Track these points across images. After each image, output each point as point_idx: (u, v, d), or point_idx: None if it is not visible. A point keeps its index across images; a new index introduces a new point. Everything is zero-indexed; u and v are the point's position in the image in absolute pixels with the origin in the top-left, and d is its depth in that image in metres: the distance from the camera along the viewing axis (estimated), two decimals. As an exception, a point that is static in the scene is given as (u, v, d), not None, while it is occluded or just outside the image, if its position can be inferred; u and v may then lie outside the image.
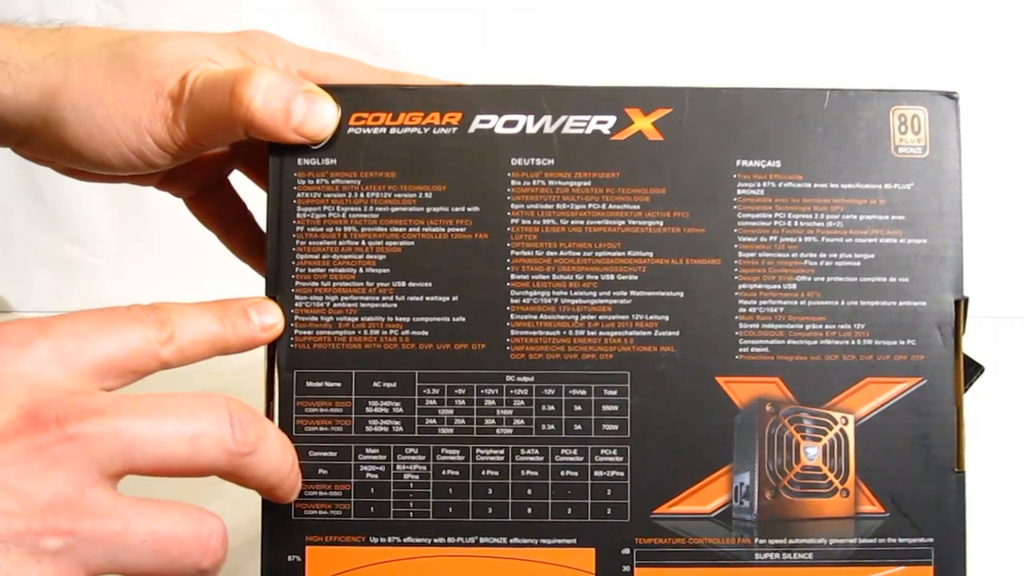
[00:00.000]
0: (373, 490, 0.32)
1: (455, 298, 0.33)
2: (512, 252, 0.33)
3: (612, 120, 0.33)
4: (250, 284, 0.36)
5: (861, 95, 0.33)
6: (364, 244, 0.33)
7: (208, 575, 0.27)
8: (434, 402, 0.33)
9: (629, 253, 0.33)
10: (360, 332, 0.33)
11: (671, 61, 0.65)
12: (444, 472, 0.33)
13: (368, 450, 0.33)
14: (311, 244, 0.33)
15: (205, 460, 0.27)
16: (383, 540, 0.32)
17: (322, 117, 0.33)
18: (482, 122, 0.33)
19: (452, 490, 0.32)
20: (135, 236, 0.68)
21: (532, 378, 0.33)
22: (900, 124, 0.33)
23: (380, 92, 0.33)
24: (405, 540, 0.32)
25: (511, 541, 0.32)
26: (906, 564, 0.32)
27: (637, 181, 0.33)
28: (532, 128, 0.33)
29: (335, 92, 0.33)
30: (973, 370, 0.34)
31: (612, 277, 0.33)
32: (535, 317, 0.33)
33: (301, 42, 0.36)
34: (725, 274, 0.33)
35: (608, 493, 0.33)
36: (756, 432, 0.33)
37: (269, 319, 0.32)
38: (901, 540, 0.32)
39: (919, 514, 0.32)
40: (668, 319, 0.33)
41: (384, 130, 0.33)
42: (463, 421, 0.33)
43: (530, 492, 0.33)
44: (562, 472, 0.33)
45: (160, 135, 0.33)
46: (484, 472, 0.33)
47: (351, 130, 0.33)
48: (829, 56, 0.65)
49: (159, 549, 0.25)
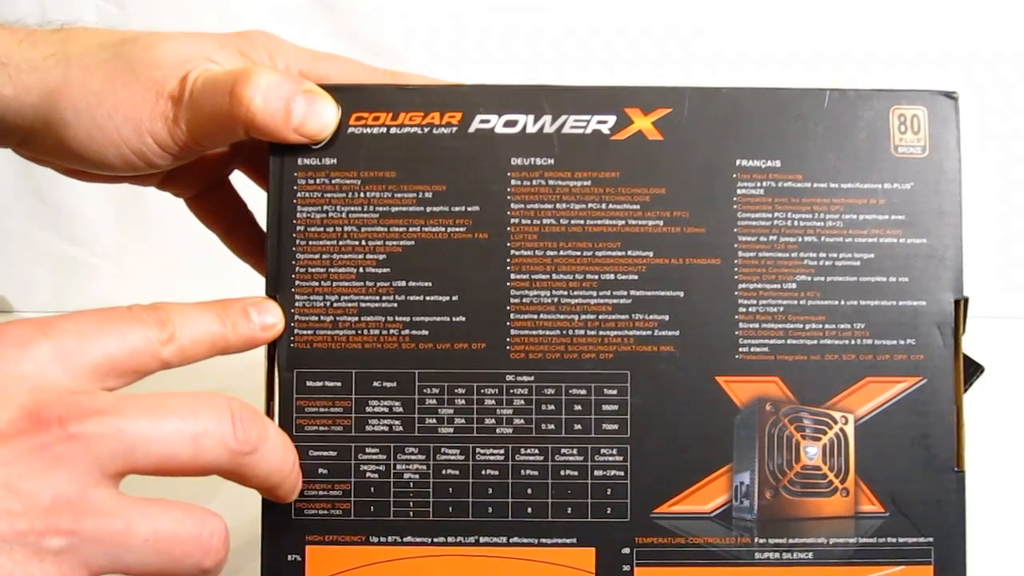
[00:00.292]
0: (373, 490, 0.32)
1: (455, 298, 0.33)
2: (512, 252, 0.33)
3: (612, 120, 0.33)
4: (251, 284, 0.36)
5: (861, 95, 0.33)
6: (364, 244, 0.33)
7: (210, 574, 0.27)
8: (434, 401, 0.33)
9: (629, 253, 0.33)
10: (360, 332, 0.33)
11: (671, 61, 0.65)
12: (444, 471, 0.33)
13: (368, 449, 0.33)
14: (311, 244, 0.33)
15: (207, 459, 0.27)
16: (383, 540, 0.32)
17: (322, 117, 0.33)
18: (482, 122, 0.33)
19: (452, 490, 0.32)
20: (135, 236, 0.68)
21: (532, 377, 0.33)
22: (900, 124, 0.33)
23: (380, 92, 0.33)
24: (405, 540, 0.32)
25: (511, 541, 0.32)
26: (906, 564, 0.32)
27: (637, 181, 0.33)
28: (532, 128, 0.33)
29: (335, 92, 0.33)
30: (973, 370, 0.34)
31: (612, 277, 0.33)
32: (535, 317, 0.33)
33: (301, 42, 0.36)
34: (725, 274, 0.33)
35: (608, 493, 0.33)
36: (756, 432, 0.33)
37: (269, 319, 0.32)
38: (901, 540, 0.32)
39: (919, 514, 0.33)
40: (668, 319, 0.33)
41: (384, 130, 0.33)
42: (463, 421, 0.33)
43: (530, 492, 0.33)
44: (562, 472, 0.33)
45: (161, 135, 0.33)
46: (484, 472, 0.33)
47: (351, 130, 0.33)
48: (829, 56, 0.65)
49: (161, 549, 0.25)
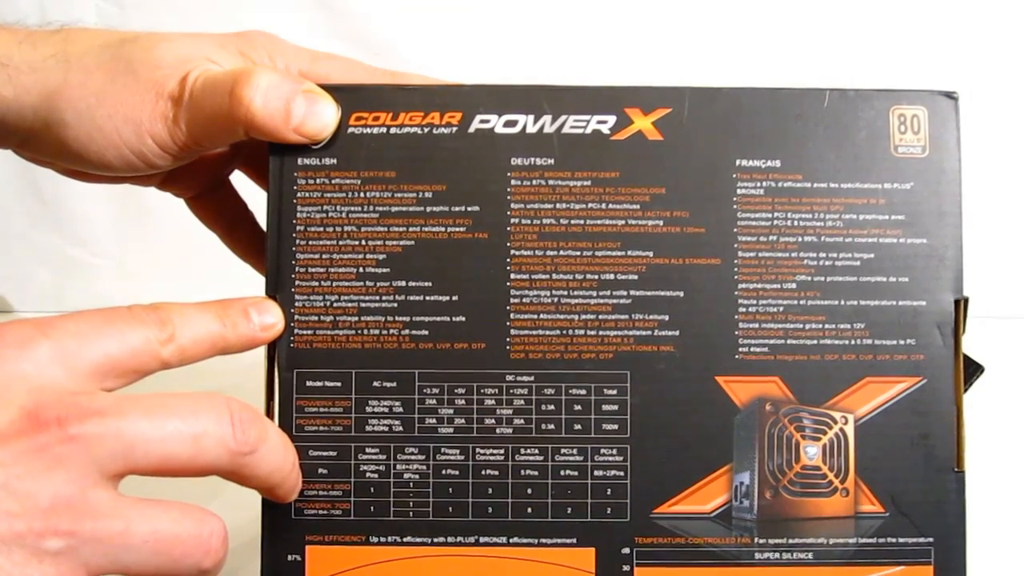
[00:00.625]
0: (373, 489, 0.32)
1: (455, 298, 0.33)
2: (512, 251, 0.33)
3: (612, 120, 0.33)
4: (251, 284, 0.36)
5: (861, 95, 0.33)
6: (364, 244, 0.33)
7: (209, 575, 0.27)
8: (434, 401, 0.33)
9: (629, 253, 0.33)
10: (360, 332, 0.33)
11: (671, 61, 0.65)
12: (444, 471, 0.33)
13: (368, 449, 0.33)
14: (311, 244, 0.33)
15: (206, 460, 0.27)
16: (383, 540, 0.32)
17: (322, 117, 0.33)
18: (482, 122, 0.33)
19: (452, 490, 0.32)
20: (136, 236, 0.68)
21: (532, 377, 0.33)
22: (900, 124, 0.33)
23: (380, 92, 0.33)
24: (405, 540, 0.32)
25: (511, 541, 0.32)
26: (906, 564, 0.32)
27: (637, 181, 0.33)
28: (532, 128, 0.33)
29: (335, 92, 0.33)
30: (973, 370, 0.34)
31: (612, 277, 0.33)
32: (535, 316, 0.33)
33: (301, 42, 0.36)
34: (725, 274, 0.33)
35: (608, 493, 0.33)
36: (756, 432, 0.33)
37: (269, 319, 0.32)
38: (901, 540, 0.32)
39: (919, 514, 0.33)
40: (668, 319, 0.33)
41: (384, 130, 0.33)
42: (463, 421, 0.33)
43: (530, 492, 0.33)
44: (562, 472, 0.33)
45: (161, 136, 0.33)
46: (484, 472, 0.33)
47: (351, 130, 0.33)
48: (829, 56, 0.65)
49: (160, 549, 0.25)
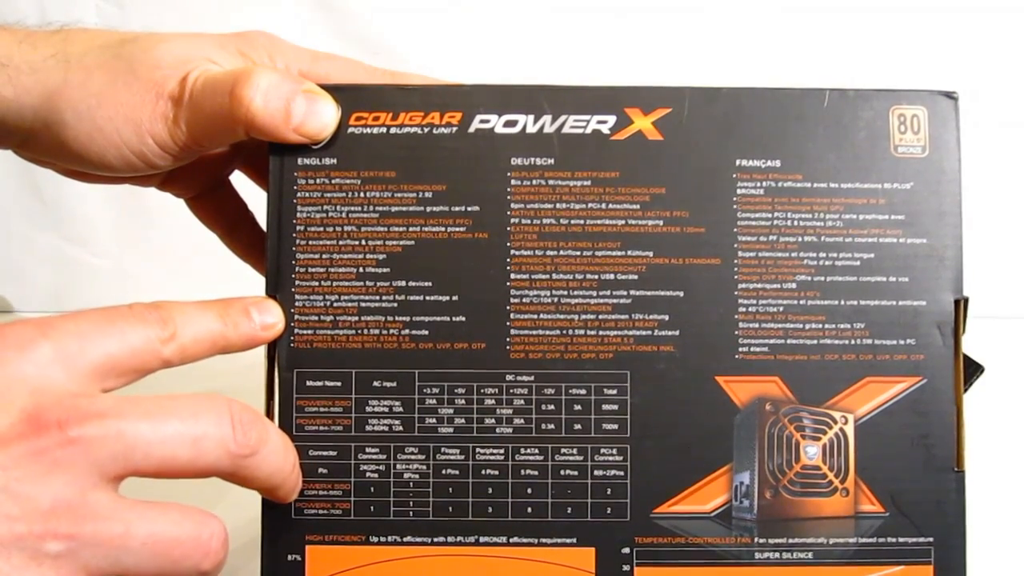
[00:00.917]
0: (373, 489, 0.32)
1: (455, 297, 0.33)
2: (512, 251, 0.33)
3: (612, 120, 0.33)
4: (251, 284, 0.36)
5: (861, 95, 0.33)
6: (364, 243, 0.33)
7: None
8: (434, 401, 0.33)
9: (629, 253, 0.33)
10: (360, 331, 0.33)
11: (671, 61, 0.65)
12: (444, 471, 0.33)
13: (368, 449, 0.33)
14: (311, 244, 0.33)
15: (207, 462, 0.27)
16: (383, 539, 0.32)
17: (322, 117, 0.33)
18: (482, 122, 0.33)
19: (452, 489, 0.32)
20: (135, 236, 0.68)
21: (532, 377, 0.33)
22: (900, 124, 0.33)
23: (380, 92, 0.33)
24: (405, 539, 0.32)
25: (511, 540, 0.32)
26: (906, 564, 0.32)
27: (637, 181, 0.33)
28: (532, 128, 0.33)
29: (335, 92, 0.33)
30: (973, 370, 0.34)
31: (612, 277, 0.33)
32: (535, 316, 0.33)
33: (301, 42, 0.36)
34: (725, 274, 0.33)
35: (608, 492, 0.33)
36: (756, 431, 0.33)
37: (270, 318, 0.32)
38: (901, 540, 0.32)
39: (919, 514, 0.32)
40: (668, 319, 0.33)
41: (384, 130, 0.33)
42: (463, 420, 0.33)
43: (530, 491, 0.33)
44: (562, 471, 0.33)
45: (161, 136, 0.33)
46: (484, 471, 0.33)
47: (351, 130, 0.33)
48: (829, 56, 0.65)
49: (160, 551, 0.25)
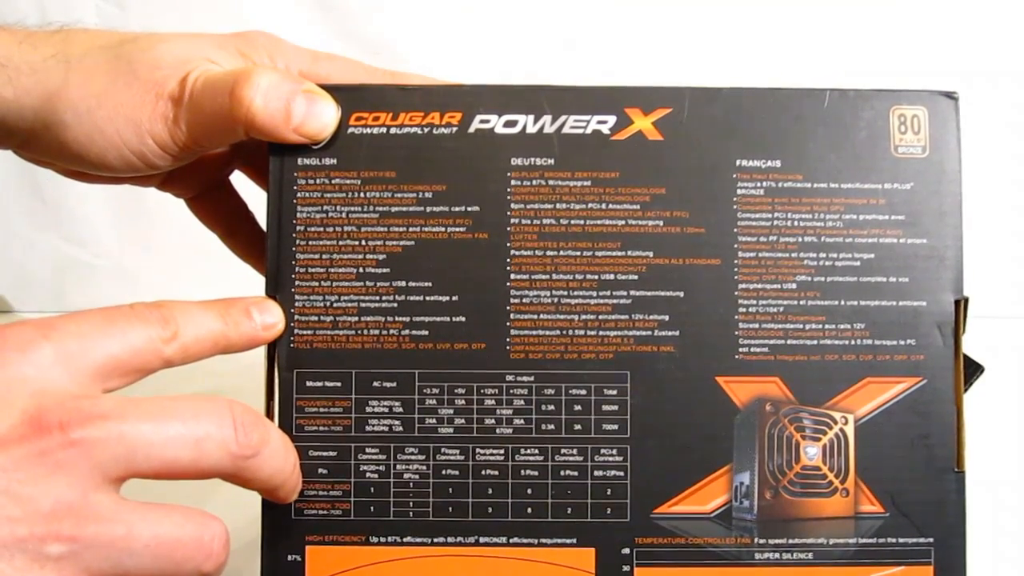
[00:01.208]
0: (373, 490, 0.32)
1: (455, 298, 0.33)
2: (512, 252, 0.33)
3: (612, 120, 0.33)
4: (251, 284, 0.36)
5: (861, 95, 0.33)
6: (364, 244, 0.33)
7: None
8: (434, 402, 0.33)
9: (629, 253, 0.33)
10: (360, 332, 0.33)
11: (671, 61, 0.65)
12: (444, 472, 0.33)
13: (368, 450, 0.33)
14: (311, 244, 0.33)
15: (208, 463, 0.27)
16: (383, 540, 0.32)
17: (322, 117, 0.33)
18: (482, 122, 0.33)
19: (452, 490, 0.32)
20: (135, 236, 0.68)
21: (532, 378, 0.33)
22: (900, 124, 0.33)
23: (380, 92, 0.33)
24: (405, 540, 0.32)
25: (511, 541, 0.32)
26: (906, 564, 0.32)
27: (637, 181, 0.33)
28: (532, 128, 0.33)
29: (335, 92, 0.33)
30: (973, 370, 0.34)
31: (612, 277, 0.33)
32: (535, 317, 0.33)
33: (301, 42, 0.36)
34: (725, 274, 0.33)
35: (608, 493, 0.33)
36: (756, 432, 0.33)
37: (270, 318, 0.32)
38: (901, 540, 0.32)
39: (919, 514, 0.32)
40: (668, 319, 0.33)
41: (384, 130, 0.33)
42: (463, 421, 0.33)
43: (530, 492, 0.33)
44: (562, 472, 0.33)
45: (161, 136, 0.33)
46: (484, 472, 0.33)
47: (351, 130, 0.33)
48: (829, 56, 0.65)
49: (162, 553, 0.25)
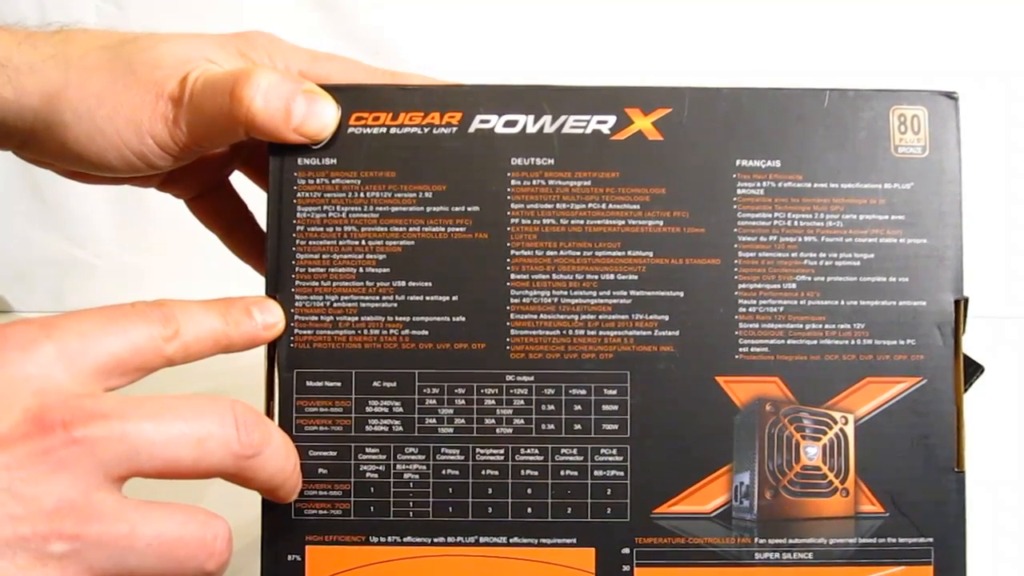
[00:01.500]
0: (373, 490, 0.32)
1: (455, 298, 0.33)
2: (512, 252, 0.33)
3: (612, 120, 0.33)
4: (251, 285, 0.36)
5: (861, 95, 0.33)
6: (364, 244, 0.33)
7: None
8: (434, 402, 0.33)
9: (629, 253, 0.33)
10: (360, 332, 0.33)
11: (671, 61, 0.65)
12: (444, 472, 0.33)
13: (368, 450, 0.33)
14: (311, 244, 0.33)
15: (210, 463, 0.27)
16: (383, 540, 0.32)
17: (322, 117, 0.33)
18: (482, 122, 0.33)
19: (452, 490, 0.32)
20: (135, 237, 0.68)
21: (532, 378, 0.33)
22: (900, 124, 0.33)
23: (380, 92, 0.33)
24: (405, 540, 0.32)
25: (511, 541, 0.32)
26: (906, 564, 0.32)
27: (637, 181, 0.33)
28: (532, 128, 0.33)
29: (335, 92, 0.33)
30: (973, 370, 0.34)
31: (612, 277, 0.33)
32: (535, 317, 0.33)
33: (301, 42, 0.36)
34: (725, 274, 0.33)
35: (608, 493, 0.33)
36: (756, 432, 0.33)
37: (271, 318, 0.32)
38: (901, 540, 0.32)
39: (919, 514, 0.33)
40: (668, 319, 0.33)
41: (384, 130, 0.33)
42: (463, 421, 0.33)
43: (530, 492, 0.33)
44: (562, 472, 0.33)
45: (161, 137, 0.33)
46: (484, 472, 0.33)
47: (351, 130, 0.33)
48: (829, 56, 0.65)
49: (165, 552, 0.25)
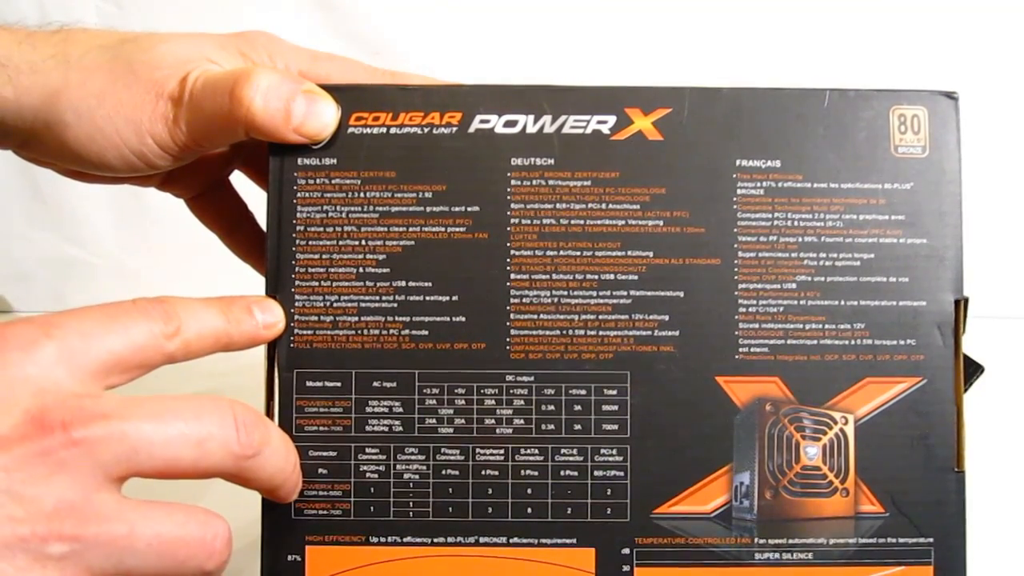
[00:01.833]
0: (373, 490, 0.32)
1: (455, 298, 0.33)
2: (512, 252, 0.33)
3: (612, 120, 0.33)
4: (251, 285, 0.36)
5: (861, 95, 0.33)
6: (364, 244, 0.33)
7: None
8: (434, 402, 0.33)
9: (629, 253, 0.33)
10: (360, 332, 0.33)
11: (671, 61, 0.65)
12: (444, 472, 0.33)
13: (368, 450, 0.33)
14: (311, 244, 0.33)
15: (210, 463, 0.27)
16: (383, 540, 0.32)
17: (322, 117, 0.33)
18: (482, 122, 0.33)
19: (452, 490, 0.32)
20: (135, 236, 0.68)
21: (532, 378, 0.33)
22: (900, 124, 0.33)
23: (380, 92, 0.33)
24: (405, 540, 0.32)
25: (511, 541, 0.32)
26: (906, 564, 0.32)
27: (637, 181, 0.33)
28: (532, 128, 0.33)
29: (335, 92, 0.33)
30: (973, 370, 0.34)
31: (612, 277, 0.33)
32: (535, 317, 0.33)
33: (301, 42, 0.36)
34: (725, 274, 0.33)
35: (608, 493, 0.33)
36: (756, 432, 0.33)
37: (271, 317, 0.32)
38: (901, 540, 0.32)
39: (919, 514, 0.33)
40: (668, 319, 0.33)
41: (384, 130, 0.33)
42: (463, 421, 0.33)
43: (530, 492, 0.33)
44: (562, 472, 0.33)
45: (161, 136, 0.33)
46: (484, 472, 0.33)
47: (351, 130, 0.33)
48: (829, 56, 0.65)
49: (164, 552, 0.25)
